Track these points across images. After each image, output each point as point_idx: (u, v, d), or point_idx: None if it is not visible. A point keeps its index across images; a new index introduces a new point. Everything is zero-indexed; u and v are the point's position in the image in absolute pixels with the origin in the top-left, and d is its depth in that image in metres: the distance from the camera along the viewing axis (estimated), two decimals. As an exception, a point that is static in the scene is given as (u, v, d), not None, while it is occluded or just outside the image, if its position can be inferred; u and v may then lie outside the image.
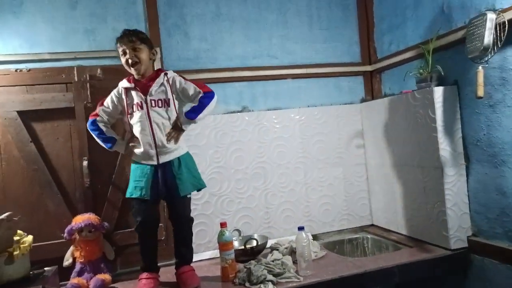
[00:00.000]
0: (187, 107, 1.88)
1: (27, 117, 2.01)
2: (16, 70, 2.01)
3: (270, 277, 1.71)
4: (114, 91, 1.83)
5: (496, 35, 1.60)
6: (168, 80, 1.81)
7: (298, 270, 1.80)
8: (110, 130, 1.84)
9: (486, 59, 1.65)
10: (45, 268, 1.71)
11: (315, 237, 2.39)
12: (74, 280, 1.83)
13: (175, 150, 1.81)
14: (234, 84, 2.34)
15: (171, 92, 1.80)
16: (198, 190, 1.89)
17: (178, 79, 1.84)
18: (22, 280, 1.56)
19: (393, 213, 2.32)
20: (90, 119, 1.83)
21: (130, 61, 1.75)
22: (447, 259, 1.90)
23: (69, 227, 1.90)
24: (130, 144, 1.81)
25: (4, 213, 1.54)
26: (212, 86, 2.26)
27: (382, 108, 2.32)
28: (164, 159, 1.78)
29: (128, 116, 1.79)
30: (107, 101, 1.83)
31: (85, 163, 2.03)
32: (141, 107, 1.76)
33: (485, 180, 1.82)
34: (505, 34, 1.58)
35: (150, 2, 2.19)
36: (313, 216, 2.45)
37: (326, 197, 2.47)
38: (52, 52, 2.07)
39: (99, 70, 2.09)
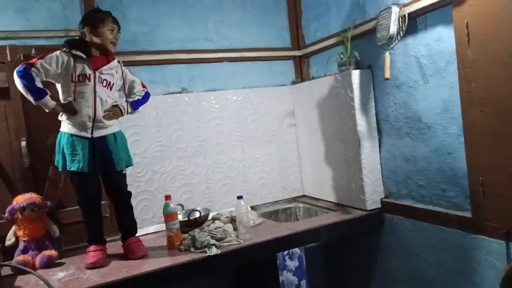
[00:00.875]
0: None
1: (-44, 98, 1.95)
2: None
3: (213, 241, 1.89)
4: (60, 54, 1.81)
5: (399, 26, 1.90)
6: (121, 68, 1.95)
7: (238, 235, 2.00)
8: (40, 83, 1.76)
9: (391, 46, 1.95)
10: (-13, 248, 1.73)
11: (253, 208, 2.60)
12: (19, 257, 1.85)
13: (110, 127, 1.90)
14: (172, 66, 2.44)
15: (117, 79, 1.93)
16: (128, 166, 1.99)
17: (127, 71, 1.99)
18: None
19: (321, 183, 2.61)
20: (22, 65, 1.72)
21: (114, 41, 1.87)
22: (365, 219, 2.22)
23: (10, 207, 1.91)
24: (65, 109, 1.81)
25: None
26: (151, 68, 2.38)
27: (310, 90, 2.58)
28: (98, 133, 1.85)
29: (70, 83, 1.81)
30: (50, 59, 1.77)
31: (23, 143, 2.03)
32: (89, 80, 1.82)
33: (393, 150, 2.16)
34: (405, 25, 1.89)
35: (86, -18, 2.21)
36: (250, 190, 2.66)
37: (262, 172, 2.70)
38: (-19, 30, 2.01)
39: (33, 50, 2.07)
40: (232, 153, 2.60)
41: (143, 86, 2.06)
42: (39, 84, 1.75)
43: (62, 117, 1.85)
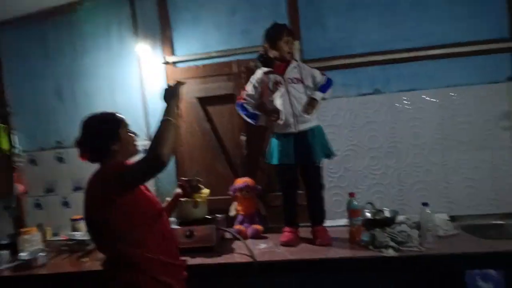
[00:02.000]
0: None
1: (203, 101, 2.65)
2: (195, 66, 2.66)
3: (392, 243, 1.92)
4: (254, 78, 2.24)
5: None
6: (299, 65, 2.20)
7: (421, 243, 1.94)
8: (253, 109, 2.25)
9: None
10: (217, 215, 2.32)
11: (453, 218, 2.37)
12: (236, 226, 2.39)
13: (309, 121, 2.15)
14: (367, 69, 2.51)
15: (302, 74, 2.17)
16: (328, 157, 2.20)
17: (305, 66, 2.22)
18: (203, 220, 2.18)
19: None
20: (238, 102, 2.26)
21: (290, 51, 2.17)
22: None
23: (233, 187, 2.47)
24: (273, 115, 2.16)
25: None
26: (345, 72, 2.53)
27: (533, 87, 2.16)
28: (301, 127, 2.13)
29: (269, 94, 2.18)
30: (248, 87, 2.25)
31: (243, 137, 2.57)
32: (281, 84, 2.15)
33: None
34: None
35: (291, 2, 2.54)
36: (453, 198, 2.47)
37: (469, 180, 2.45)
38: (218, 50, 2.64)
39: (251, 63, 2.56)
40: (431, 156, 2.47)
41: (323, 74, 2.22)
42: (251, 111, 2.24)
43: None
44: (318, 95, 2.17)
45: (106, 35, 2.69)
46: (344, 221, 2.47)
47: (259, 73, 2.25)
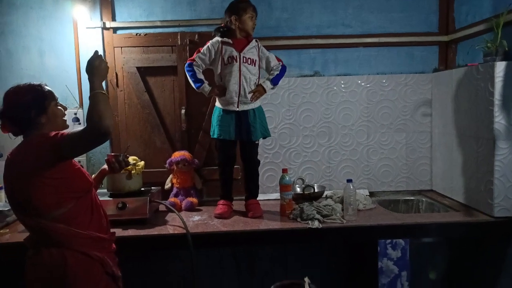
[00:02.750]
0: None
1: (143, 72, 2.59)
2: (136, 34, 2.57)
3: (317, 216, 2.08)
4: (212, 42, 2.21)
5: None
6: (258, 46, 2.23)
7: (344, 216, 2.13)
8: (201, 74, 2.23)
9: (545, 37, 1.69)
10: (152, 187, 2.33)
11: (372, 194, 2.64)
12: (171, 199, 2.43)
13: (252, 103, 2.22)
14: (308, 51, 2.62)
15: (258, 56, 2.22)
16: (264, 137, 2.30)
17: (263, 48, 2.26)
18: (137, 192, 2.19)
19: (449, 179, 2.46)
20: (188, 62, 2.22)
21: (254, 26, 2.20)
22: (488, 226, 2.04)
23: (169, 160, 2.48)
24: (216, 90, 2.19)
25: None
26: (288, 52, 2.62)
27: (450, 80, 2.40)
28: (243, 107, 2.20)
29: (221, 66, 2.19)
30: (204, 50, 2.20)
31: (183, 111, 2.57)
32: (235, 60, 2.17)
33: (537, 155, 1.89)
34: None
35: (241, -23, 2.54)
36: (372, 175, 2.71)
37: (387, 159, 2.70)
38: (163, 20, 2.57)
39: (196, 36, 2.55)
40: (358, 137, 2.67)
41: (278, 60, 2.29)
42: (199, 76, 2.21)
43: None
44: (268, 85, 2.24)
45: (39, -8, 2.49)
46: (276, 195, 2.62)
47: (218, 40, 2.21)
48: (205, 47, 2.22)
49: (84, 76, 2.46)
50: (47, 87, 1.55)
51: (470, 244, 2.35)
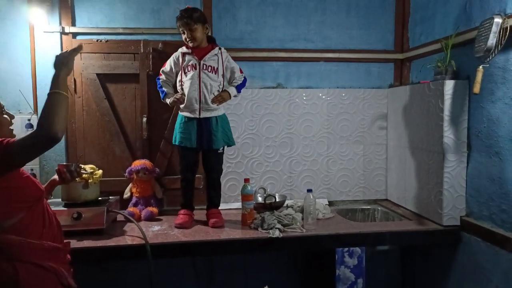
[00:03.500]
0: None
1: (103, 79, 2.52)
2: (97, 41, 2.51)
3: (278, 225, 2.11)
4: (173, 56, 2.26)
5: (499, 38, 1.77)
6: (221, 54, 2.24)
7: (304, 225, 2.18)
8: (167, 86, 2.28)
9: (488, 59, 1.83)
10: (110, 197, 2.27)
11: (331, 203, 2.72)
12: (130, 208, 2.37)
13: (214, 110, 2.23)
14: (272, 63, 2.68)
15: (222, 64, 2.23)
16: (228, 146, 2.32)
17: (229, 57, 2.28)
18: (94, 201, 2.12)
19: (403, 190, 2.58)
20: (158, 77, 2.30)
21: (187, 39, 2.18)
22: (437, 233, 2.16)
23: (129, 169, 2.43)
24: (175, 97, 2.20)
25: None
26: (252, 64, 2.67)
27: (405, 95, 2.54)
28: (204, 114, 2.20)
29: (183, 75, 2.21)
30: (167, 64, 2.27)
31: (144, 119, 2.53)
32: (195, 68, 2.18)
33: (480, 167, 2.03)
34: (506, 38, 1.75)
35: (206, -12, 2.57)
36: (331, 185, 2.79)
37: (345, 169, 2.79)
38: (125, 27, 2.53)
39: (160, 44, 2.53)
40: (318, 148, 2.75)
41: (241, 72, 2.33)
42: (165, 88, 2.26)
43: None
44: (232, 91, 2.26)
45: (-8, -8, 2.38)
46: (237, 205, 2.63)
47: (179, 51, 2.25)
48: (167, 61, 2.26)
49: (40, 81, 2.43)
50: None
51: (422, 251, 2.47)
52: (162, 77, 2.29)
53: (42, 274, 1.41)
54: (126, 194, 2.48)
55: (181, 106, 2.22)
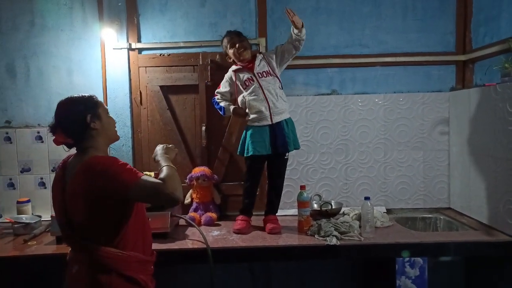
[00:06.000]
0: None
1: (166, 90, 2.68)
2: (160, 55, 2.68)
3: (335, 233, 2.10)
4: (226, 76, 2.37)
5: None
6: (264, 56, 2.33)
7: (361, 233, 2.15)
8: (223, 101, 2.36)
9: (562, 60, 1.71)
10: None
11: (389, 211, 2.66)
12: (191, 213, 2.49)
13: (283, 113, 2.27)
14: (326, 70, 2.68)
15: (270, 64, 2.29)
16: (296, 149, 2.34)
17: (268, 53, 2.36)
18: (158, 206, 2.24)
19: (467, 198, 2.46)
20: (213, 98, 2.41)
21: (237, 52, 2.26)
22: (506, 245, 2.03)
23: (189, 175, 2.56)
24: (233, 110, 2.29)
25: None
26: (306, 71, 2.72)
27: (468, 99, 2.42)
28: (276, 119, 2.25)
29: (243, 91, 2.28)
30: (221, 85, 2.38)
31: (203, 128, 2.65)
32: (252, 80, 2.26)
33: (557, 176, 1.89)
34: None
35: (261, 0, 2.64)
36: (389, 193, 2.72)
37: (404, 176, 2.70)
38: (186, 41, 2.68)
39: (217, 56, 2.64)
40: (375, 154, 2.70)
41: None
42: (222, 104, 2.35)
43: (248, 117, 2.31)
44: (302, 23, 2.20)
45: (69, 15, 2.62)
46: (293, 211, 2.65)
47: (230, 71, 2.35)
48: (221, 83, 2.37)
49: (110, 93, 2.64)
50: (97, 98, 1.57)
51: (489, 264, 2.33)
52: (218, 96, 2.39)
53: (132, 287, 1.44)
54: (187, 200, 2.60)
55: (250, 117, 2.26)
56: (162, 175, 1.46)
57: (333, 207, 2.45)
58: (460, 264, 2.55)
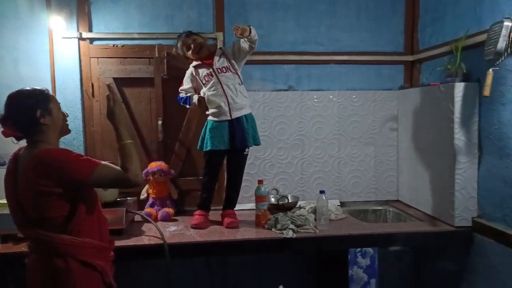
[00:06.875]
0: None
1: (120, 83, 2.59)
2: (113, 46, 2.58)
3: (292, 226, 2.15)
4: (187, 73, 2.37)
5: (509, 42, 1.79)
6: (223, 50, 2.33)
7: (316, 225, 2.22)
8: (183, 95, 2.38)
9: (497, 62, 1.86)
10: (128, 198, 2.33)
11: (342, 204, 2.75)
12: (147, 209, 2.43)
13: (243, 108, 2.28)
14: (283, 66, 2.72)
15: (229, 58, 2.29)
16: (256, 145, 2.36)
17: (227, 47, 2.37)
18: (113, 203, 2.19)
19: (414, 191, 2.61)
20: (178, 96, 2.41)
21: (194, 50, 2.28)
22: (450, 235, 2.18)
23: (145, 170, 2.50)
24: (197, 99, 2.29)
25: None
26: (263, 67, 2.72)
27: (415, 97, 2.56)
28: (236, 114, 2.25)
29: (203, 87, 2.29)
30: (184, 83, 2.39)
31: (159, 122, 2.59)
32: (211, 76, 2.25)
33: (492, 169, 2.05)
34: (516, 41, 1.77)
35: (218, -7, 2.62)
36: (343, 186, 2.82)
37: (356, 171, 2.82)
38: (140, 32, 2.60)
39: (174, 49, 2.58)
40: (329, 150, 2.78)
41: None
42: (186, 95, 2.36)
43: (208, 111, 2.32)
44: (253, 29, 2.20)
45: (13, 1, 2.44)
46: (251, 205, 2.67)
47: (190, 67, 2.35)
48: (183, 80, 2.38)
49: (59, 85, 2.51)
50: (49, 92, 1.54)
51: (434, 252, 2.50)
52: (182, 94, 2.38)
53: (90, 272, 1.47)
54: (143, 195, 2.54)
55: (209, 111, 2.27)
56: (124, 159, 1.50)
57: (290, 201, 2.51)
58: (408, 253, 2.70)
